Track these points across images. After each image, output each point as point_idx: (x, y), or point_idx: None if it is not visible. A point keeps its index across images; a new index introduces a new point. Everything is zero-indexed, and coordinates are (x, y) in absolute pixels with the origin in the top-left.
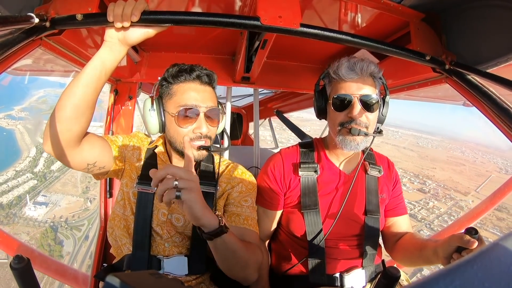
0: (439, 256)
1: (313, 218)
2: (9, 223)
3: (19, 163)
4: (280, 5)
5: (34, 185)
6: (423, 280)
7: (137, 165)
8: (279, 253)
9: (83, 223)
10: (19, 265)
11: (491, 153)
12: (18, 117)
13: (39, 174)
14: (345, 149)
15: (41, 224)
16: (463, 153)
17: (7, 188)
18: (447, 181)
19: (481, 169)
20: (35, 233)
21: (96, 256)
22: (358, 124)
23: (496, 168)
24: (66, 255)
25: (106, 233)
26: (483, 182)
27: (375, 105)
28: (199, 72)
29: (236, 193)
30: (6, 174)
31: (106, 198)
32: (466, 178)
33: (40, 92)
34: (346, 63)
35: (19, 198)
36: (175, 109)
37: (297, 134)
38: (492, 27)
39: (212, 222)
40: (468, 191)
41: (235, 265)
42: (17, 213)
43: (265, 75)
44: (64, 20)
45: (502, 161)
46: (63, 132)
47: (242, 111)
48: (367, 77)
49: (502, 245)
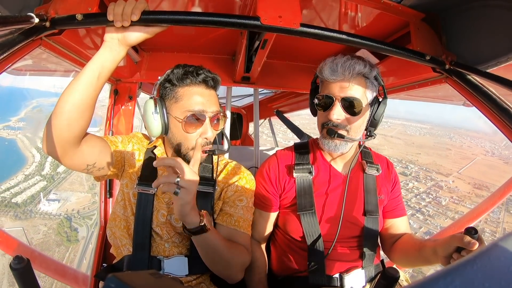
0: (438, 256)
1: (310, 220)
2: (27, 218)
3: (27, 168)
4: (280, 5)
5: (44, 185)
6: (423, 280)
7: (137, 165)
8: (278, 255)
9: (93, 213)
10: (19, 266)
11: (480, 137)
12: (16, 127)
13: (47, 176)
14: (325, 150)
15: (56, 217)
16: (451, 138)
17: (20, 190)
18: (430, 164)
19: (467, 152)
20: (52, 224)
21: (96, 256)
22: (336, 126)
23: (482, 151)
24: (81, 239)
25: (106, 233)
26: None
27: (358, 107)
28: (205, 75)
29: (232, 191)
30: (16, 178)
31: (106, 198)
32: (450, 162)
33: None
34: (329, 63)
35: (32, 197)
36: (182, 114)
37: (297, 134)
38: (492, 27)
39: (194, 220)
40: (450, 172)
41: (217, 263)
42: (32, 209)
43: (265, 75)
44: (64, 20)
45: (490, 145)
46: (62, 133)
47: (242, 111)
48: (354, 77)
49: (502, 245)
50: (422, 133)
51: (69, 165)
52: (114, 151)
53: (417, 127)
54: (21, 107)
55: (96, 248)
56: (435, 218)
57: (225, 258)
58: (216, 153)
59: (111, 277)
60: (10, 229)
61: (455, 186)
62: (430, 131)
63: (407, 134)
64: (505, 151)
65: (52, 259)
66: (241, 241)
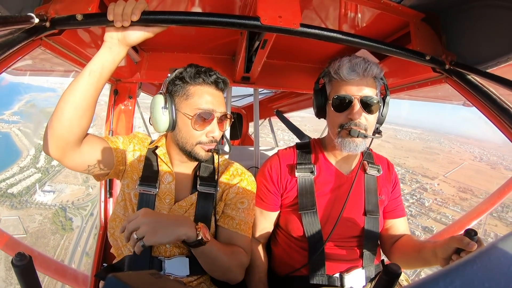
0: (437, 257)
1: (311, 219)
2: (23, 208)
3: (21, 160)
4: (280, 5)
5: (39, 177)
6: (423, 280)
7: (138, 166)
8: (279, 254)
9: (87, 204)
10: (20, 263)
11: (470, 143)
12: (11, 120)
13: (42, 169)
14: (344, 151)
15: (51, 207)
16: (441, 144)
17: (15, 181)
18: (416, 167)
19: (455, 157)
20: (47, 214)
21: (96, 256)
22: (357, 126)
23: (471, 157)
24: (76, 228)
25: (106, 233)
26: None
27: (375, 106)
28: (217, 77)
29: (233, 193)
30: (12, 169)
31: (106, 198)
32: (437, 166)
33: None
34: (347, 63)
35: (28, 188)
36: (192, 111)
37: (296, 134)
38: (492, 27)
39: (189, 235)
40: (436, 176)
41: (216, 270)
42: (28, 199)
43: (265, 75)
44: (64, 20)
45: (479, 150)
46: (63, 134)
47: (242, 111)
48: (369, 78)
49: (502, 245)
50: (412, 138)
51: (70, 165)
52: (115, 151)
53: (408, 132)
54: (14, 102)
55: (96, 248)
56: (417, 218)
57: (224, 265)
58: (220, 152)
59: (111, 277)
60: (6, 217)
61: (440, 188)
62: (420, 136)
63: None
64: (493, 157)
65: (52, 259)
66: (241, 244)
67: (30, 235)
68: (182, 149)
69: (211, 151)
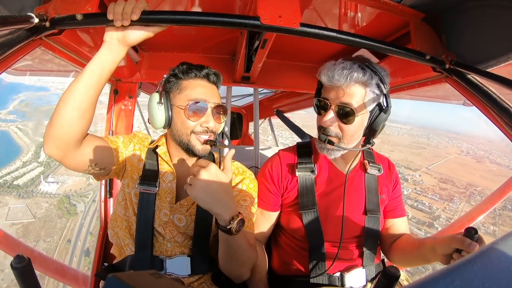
0: (437, 253)
1: (312, 219)
2: (29, 197)
3: (23, 155)
4: (280, 5)
5: (42, 170)
6: (423, 280)
7: (138, 165)
8: (279, 254)
9: (88, 193)
10: (19, 265)
11: (459, 138)
12: (8, 119)
13: (44, 163)
14: (319, 153)
15: (56, 196)
16: (429, 138)
17: (20, 174)
18: (400, 160)
19: (441, 151)
20: (52, 201)
21: (96, 256)
22: (327, 132)
23: (457, 151)
24: (80, 212)
25: (106, 233)
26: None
27: (352, 116)
28: (208, 70)
29: (236, 192)
30: (15, 164)
31: (106, 198)
32: (421, 159)
33: (20, 96)
34: (327, 68)
35: (32, 180)
36: (185, 102)
37: (297, 133)
38: (492, 26)
39: (222, 218)
40: (419, 168)
41: (233, 262)
42: (33, 190)
43: (265, 75)
44: (64, 20)
45: (467, 145)
46: (63, 134)
47: (242, 111)
48: (352, 85)
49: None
50: (401, 133)
51: (71, 166)
52: (115, 151)
53: (397, 127)
54: (8, 101)
55: (97, 248)
56: None
57: (242, 258)
58: (217, 144)
59: (111, 277)
60: (14, 205)
61: (421, 179)
62: (409, 132)
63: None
64: (480, 151)
65: (52, 259)
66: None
67: (38, 219)
68: (180, 144)
69: (207, 142)
